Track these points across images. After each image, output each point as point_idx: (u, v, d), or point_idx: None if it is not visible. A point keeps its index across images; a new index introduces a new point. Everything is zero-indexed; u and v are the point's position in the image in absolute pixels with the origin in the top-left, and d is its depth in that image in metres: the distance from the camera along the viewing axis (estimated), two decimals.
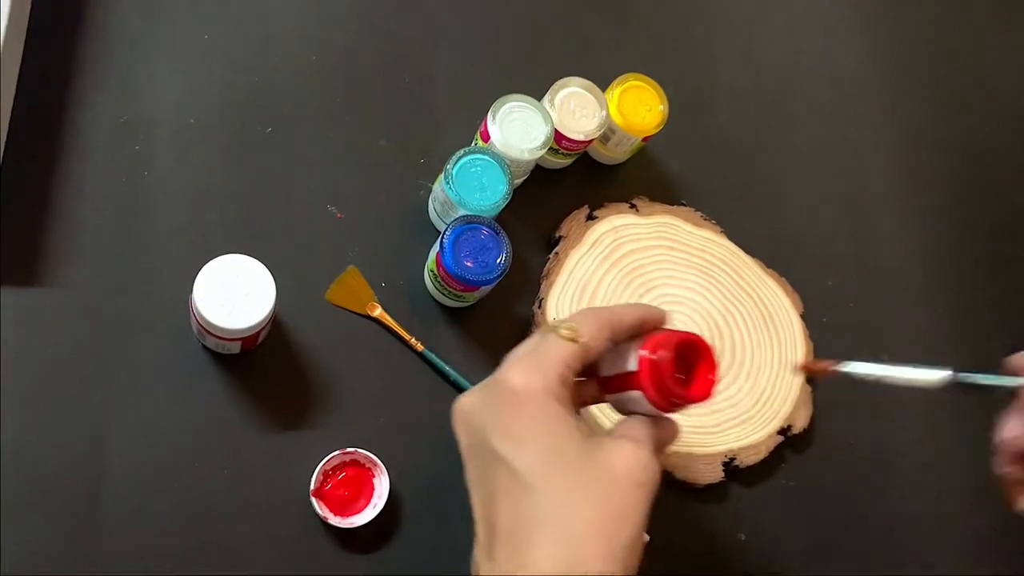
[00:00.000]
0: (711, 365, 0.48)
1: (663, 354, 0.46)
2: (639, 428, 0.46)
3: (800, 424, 0.70)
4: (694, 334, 0.49)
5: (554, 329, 0.47)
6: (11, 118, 0.62)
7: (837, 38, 0.87)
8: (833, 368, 0.54)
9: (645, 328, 0.50)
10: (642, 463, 0.44)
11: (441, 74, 0.73)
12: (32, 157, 0.62)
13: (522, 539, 0.41)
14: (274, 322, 0.63)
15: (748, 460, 0.67)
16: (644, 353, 0.47)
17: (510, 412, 0.44)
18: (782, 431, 0.69)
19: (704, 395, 0.48)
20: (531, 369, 0.45)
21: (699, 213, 0.74)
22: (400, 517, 0.61)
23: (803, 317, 0.73)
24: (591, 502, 0.42)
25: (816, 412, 0.71)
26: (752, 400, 0.69)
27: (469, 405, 0.46)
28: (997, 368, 0.52)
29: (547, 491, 0.42)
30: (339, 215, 0.67)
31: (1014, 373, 0.50)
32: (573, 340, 0.46)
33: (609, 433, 0.47)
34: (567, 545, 0.40)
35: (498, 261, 0.62)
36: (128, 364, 0.60)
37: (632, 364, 0.47)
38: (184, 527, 0.58)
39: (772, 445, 0.69)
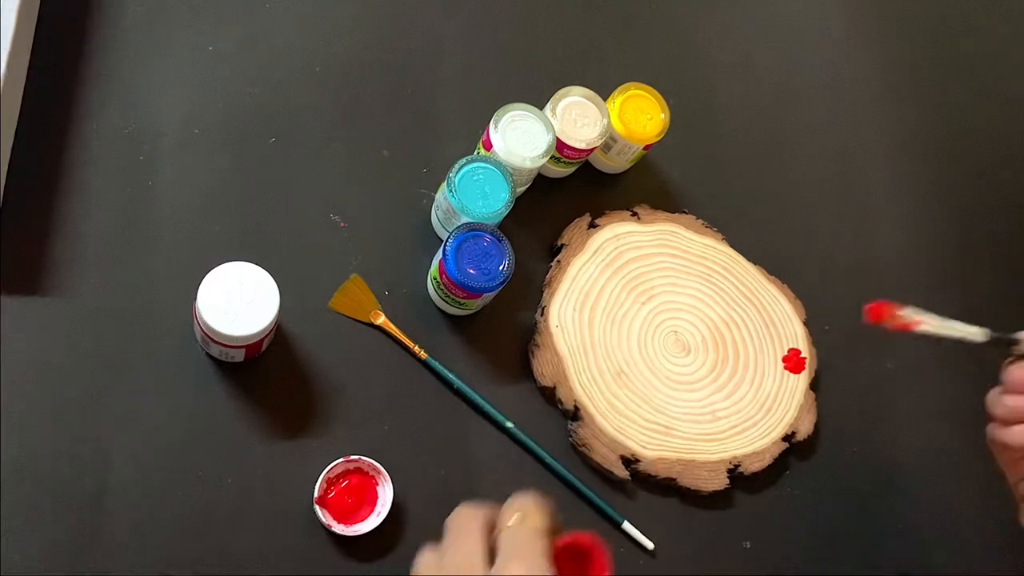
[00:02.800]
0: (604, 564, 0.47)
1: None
2: None
3: (804, 431, 0.70)
4: (583, 535, 0.47)
5: (520, 521, 0.44)
6: (17, 129, 0.63)
7: (836, 47, 0.87)
8: (905, 320, 0.56)
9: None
10: None
11: (443, 84, 0.74)
12: (38, 167, 0.63)
13: None
14: (278, 330, 0.63)
15: (752, 467, 0.67)
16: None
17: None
18: (786, 438, 0.69)
19: None
20: (536, 568, 0.42)
21: (701, 220, 0.74)
22: (403, 525, 0.61)
23: (806, 324, 0.73)
24: None
25: (820, 419, 0.71)
26: (756, 407, 0.69)
27: None
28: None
29: None
30: (342, 224, 0.68)
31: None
32: (548, 530, 0.44)
33: None
34: None
35: (501, 268, 0.62)
36: (132, 373, 0.60)
37: None
38: (188, 535, 0.58)
39: (776, 452, 0.68)
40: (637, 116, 0.70)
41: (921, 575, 0.70)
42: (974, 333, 0.55)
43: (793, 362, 0.72)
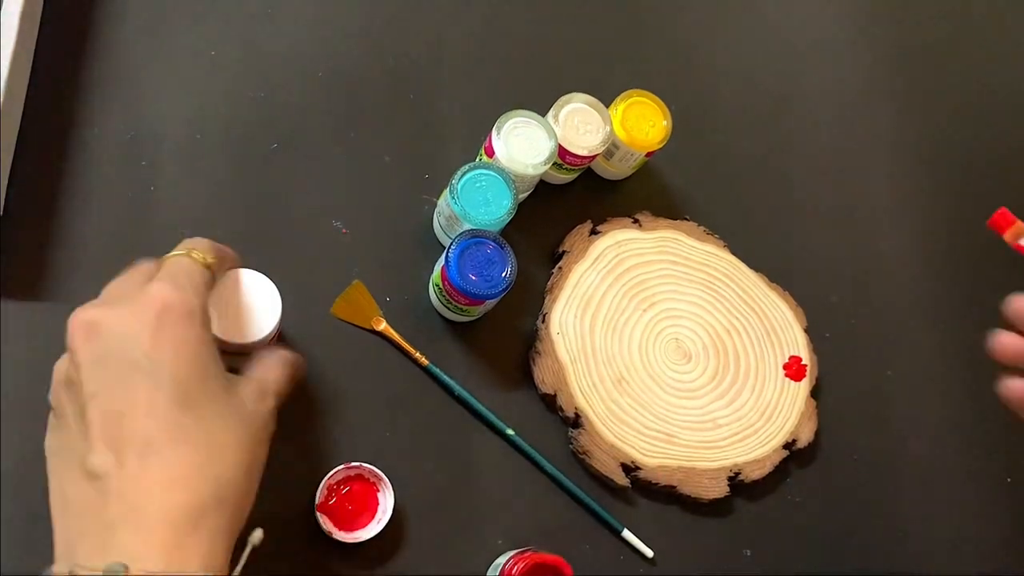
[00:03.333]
0: None
1: None
2: (263, 374, 0.49)
3: (805, 438, 0.70)
4: (551, 556, 0.53)
5: (184, 253, 0.48)
6: (19, 134, 0.63)
7: (840, 54, 0.87)
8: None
9: (229, 265, 0.54)
10: (266, 407, 0.47)
11: (445, 90, 0.74)
12: (39, 173, 0.63)
13: (166, 450, 0.41)
14: (279, 337, 0.63)
15: (753, 475, 0.67)
16: None
17: (166, 328, 0.43)
18: (787, 445, 0.69)
19: None
20: (185, 288, 0.45)
21: (702, 227, 0.74)
22: (404, 532, 0.61)
23: (807, 331, 0.73)
24: (233, 429, 0.44)
25: (821, 426, 0.71)
26: (757, 414, 0.69)
27: (101, 316, 0.44)
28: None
29: (196, 410, 0.42)
30: (344, 231, 0.68)
31: (1015, 316, 0.52)
32: (206, 266, 0.48)
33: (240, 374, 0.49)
34: (215, 463, 0.42)
35: (503, 275, 0.62)
36: None
37: None
38: None
39: (777, 460, 0.68)
40: (639, 123, 0.70)
41: None
42: None
43: (794, 369, 0.72)
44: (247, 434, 0.45)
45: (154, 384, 0.42)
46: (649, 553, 0.65)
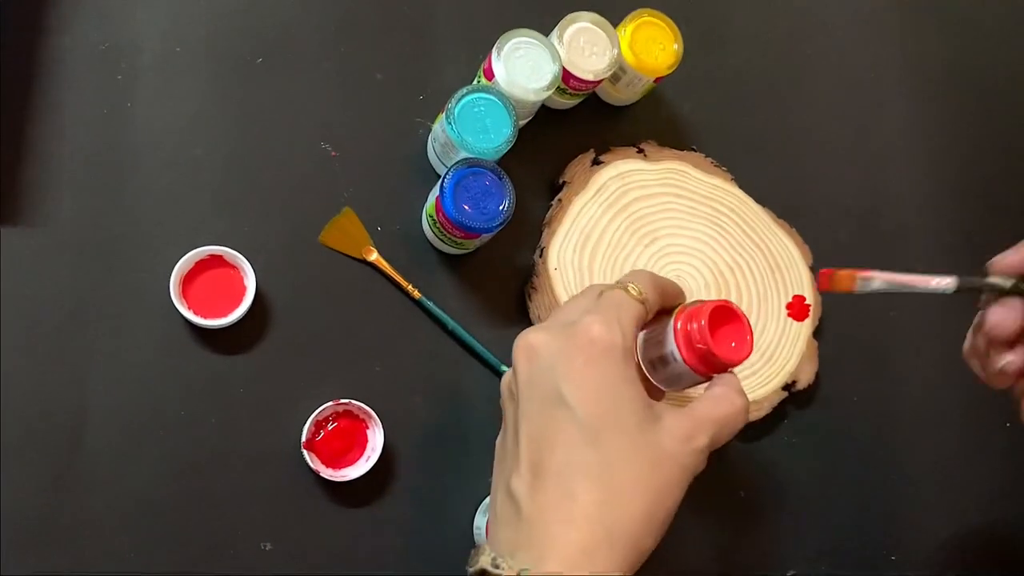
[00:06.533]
0: (744, 326, 0.49)
1: (699, 323, 0.47)
2: (701, 412, 0.46)
3: (805, 380, 0.68)
4: (722, 301, 0.48)
5: (622, 287, 0.47)
6: None
7: None
8: (853, 278, 0.52)
9: (673, 302, 0.51)
10: (690, 448, 0.44)
11: (443, 4, 0.69)
12: (7, 86, 0.58)
13: (571, 485, 0.42)
14: (265, 264, 0.60)
15: (752, 416, 0.66)
16: (682, 325, 0.48)
17: (585, 363, 0.44)
18: (786, 387, 0.68)
19: (744, 355, 0.48)
20: (612, 324, 0.45)
21: (709, 159, 0.71)
22: (394, 470, 0.60)
23: (812, 269, 0.71)
24: (637, 471, 0.43)
25: (821, 367, 0.69)
26: (757, 355, 0.67)
27: (538, 342, 0.46)
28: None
29: (602, 448, 0.42)
30: (333, 153, 0.64)
31: (1000, 273, 0.51)
32: (641, 301, 0.47)
33: (673, 405, 0.47)
34: (613, 504, 0.42)
35: (500, 208, 0.59)
36: (111, 305, 0.58)
37: (670, 339, 0.48)
38: (169, 475, 0.56)
39: (776, 401, 0.67)
40: (649, 46, 0.66)
41: (915, 525, 0.70)
42: (944, 284, 0.51)
43: (797, 309, 0.69)
44: (655, 477, 0.43)
45: (569, 417, 0.43)
46: None
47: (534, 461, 0.44)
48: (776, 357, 0.68)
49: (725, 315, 0.48)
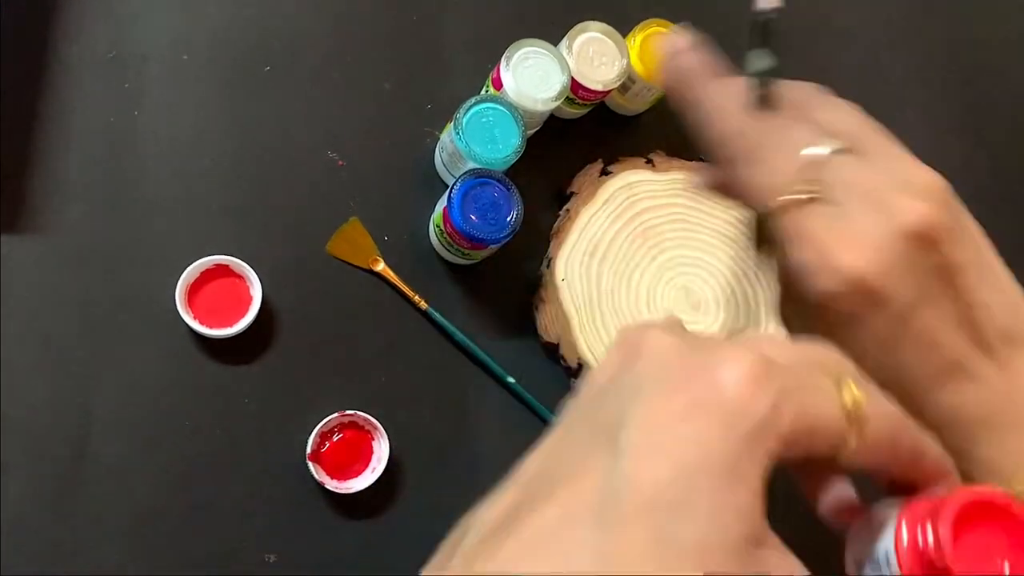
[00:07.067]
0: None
1: (938, 525, 0.30)
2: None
3: None
4: (987, 491, 0.30)
5: (838, 383, 0.29)
6: None
7: None
8: None
9: (918, 472, 0.32)
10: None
11: (452, 14, 0.69)
12: (14, 94, 0.58)
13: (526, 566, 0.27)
14: (272, 273, 0.60)
15: None
16: (910, 520, 0.31)
17: (685, 407, 0.27)
18: None
19: None
20: (767, 387, 0.27)
21: None
22: (399, 481, 0.59)
23: None
24: None
25: None
26: None
27: (656, 343, 0.29)
28: None
29: (613, 538, 0.26)
30: (340, 163, 0.64)
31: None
32: (850, 417, 0.28)
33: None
34: None
35: (508, 219, 0.58)
36: (116, 314, 0.57)
37: (888, 533, 0.31)
38: (173, 485, 0.56)
39: None
40: (658, 56, 0.65)
41: None
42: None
43: None
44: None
45: (605, 468, 0.27)
46: None
47: (517, 498, 0.29)
48: None
49: (987, 513, 0.30)
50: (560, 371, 0.64)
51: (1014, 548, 0.29)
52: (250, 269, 0.58)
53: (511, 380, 0.62)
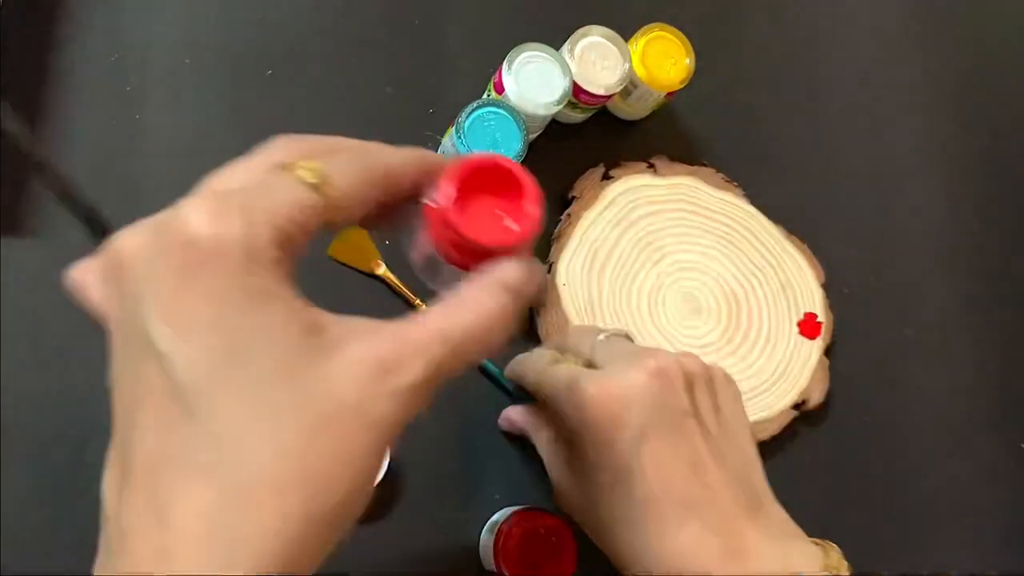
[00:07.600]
0: (524, 191, 0.35)
1: (446, 193, 0.34)
2: (418, 329, 0.29)
3: (816, 399, 0.67)
4: (487, 157, 0.35)
5: (289, 168, 0.31)
6: None
7: None
8: None
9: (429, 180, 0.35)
10: (385, 389, 0.27)
11: (453, 18, 0.69)
12: (15, 97, 0.58)
13: (163, 487, 0.26)
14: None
15: (762, 435, 0.65)
16: (429, 200, 0.34)
17: (179, 279, 0.27)
18: (796, 405, 0.67)
19: (518, 236, 0.35)
20: (227, 213, 0.28)
21: (720, 174, 0.70)
22: (399, 486, 0.59)
23: (824, 287, 0.70)
24: (281, 444, 0.26)
25: (833, 386, 0.69)
26: (768, 373, 0.67)
27: (129, 249, 0.29)
28: None
29: (215, 418, 0.26)
30: None
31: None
32: (315, 187, 0.30)
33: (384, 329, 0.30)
34: (237, 511, 0.25)
35: None
36: None
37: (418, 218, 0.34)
38: None
39: (786, 420, 0.66)
40: (660, 60, 0.65)
41: (930, 544, 0.69)
42: None
43: (808, 327, 0.69)
44: (318, 449, 0.27)
45: (161, 373, 0.27)
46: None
47: (122, 451, 0.28)
48: (787, 375, 0.67)
49: (495, 179, 0.35)
50: None
51: (513, 207, 0.35)
52: None
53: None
